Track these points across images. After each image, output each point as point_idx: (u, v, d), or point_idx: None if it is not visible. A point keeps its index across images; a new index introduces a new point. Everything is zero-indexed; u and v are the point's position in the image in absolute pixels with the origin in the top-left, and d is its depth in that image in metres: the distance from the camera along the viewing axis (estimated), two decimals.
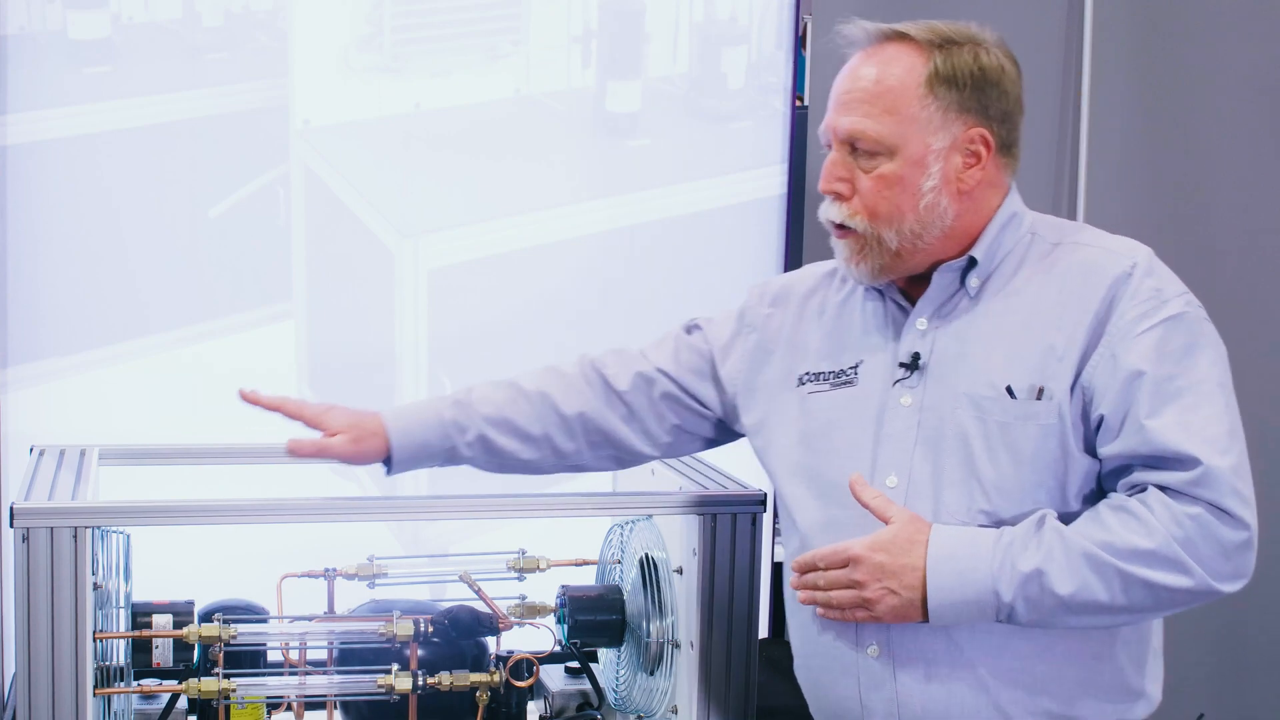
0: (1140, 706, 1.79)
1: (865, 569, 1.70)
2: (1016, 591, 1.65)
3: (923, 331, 1.80)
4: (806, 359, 1.89)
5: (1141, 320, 1.69)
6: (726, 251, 3.07)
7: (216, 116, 2.80)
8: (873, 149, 1.75)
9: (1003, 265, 1.79)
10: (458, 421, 1.96)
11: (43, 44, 2.71)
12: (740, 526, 2.01)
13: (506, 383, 2.01)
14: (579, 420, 1.99)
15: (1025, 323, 1.74)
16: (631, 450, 2.02)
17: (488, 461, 1.98)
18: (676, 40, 3.00)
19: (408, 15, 2.87)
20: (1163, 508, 1.63)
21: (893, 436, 1.78)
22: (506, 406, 1.98)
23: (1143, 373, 1.67)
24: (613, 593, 2.20)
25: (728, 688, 2.03)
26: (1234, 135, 3.30)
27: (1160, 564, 1.62)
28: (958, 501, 1.73)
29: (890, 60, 1.76)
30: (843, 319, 1.89)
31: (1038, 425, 1.70)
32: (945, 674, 1.74)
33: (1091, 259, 1.75)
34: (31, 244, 2.73)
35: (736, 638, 2.02)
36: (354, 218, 2.89)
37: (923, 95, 1.74)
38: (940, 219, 1.76)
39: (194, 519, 1.92)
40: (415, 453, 1.96)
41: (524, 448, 1.98)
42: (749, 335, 1.97)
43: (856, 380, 1.83)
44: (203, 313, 2.84)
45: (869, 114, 1.74)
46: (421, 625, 2.04)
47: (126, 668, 2.01)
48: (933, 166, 1.75)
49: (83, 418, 2.76)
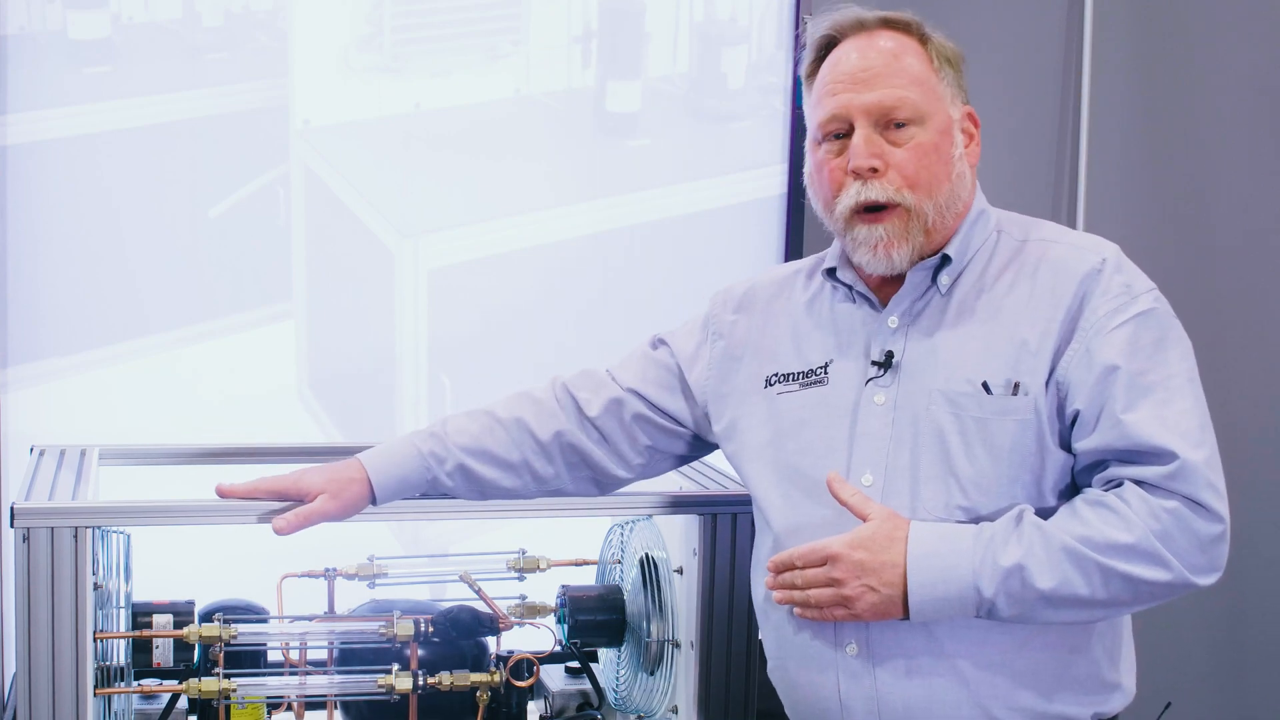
0: (1116, 698, 1.79)
1: (844, 567, 1.69)
2: (998, 587, 1.65)
3: (894, 330, 1.80)
4: (774, 360, 1.89)
5: (1114, 315, 1.70)
6: (726, 251, 3.07)
7: (216, 116, 2.80)
8: (908, 118, 1.74)
9: (973, 262, 1.79)
10: (435, 453, 1.94)
11: (43, 44, 2.71)
12: (740, 526, 2.01)
13: (481, 412, 1.99)
14: (555, 444, 1.97)
15: (997, 320, 1.75)
16: (607, 473, 1.99)
17: (469, 490, 1.96)
18: (676, 40, 3.00)
19: (408, 15, 2.87)
20: (1140, 502, 1.64)
21: (868, 435, 1.78)
22: (483, 436, 1.96)
23: (1117, 367, 1.68)
24: (613, 593, 2.20)
25: (728, 688, 2.03)
26: (1234, 135, 3.30)
27: (1139, 558, 1.63)
28: (935, 498, 1.73)
29: (893, 41, 1.77)
30: (810, 319, 1.88)
31: (1015, 420, 1.71)
32: (925, 669, 1.74)
33: (1061, 256, 1.76)
34: (31, 244, 2.73)
35: (736, 638, 2.02)
36: (354, 218, 2.89)
37: (936, 69, 1.78)
38: (964, 191, 1.78)
39: (194, 519, 1.91)
40: (397, 488, 1.93)
41: (504, 475, 1.96)
42: (715, 343, 1.96)
43: (827, 380, 1.83)
44: (203, 313, 2.84)
45: (900, 84, 1.75)
46: (421, 625, 2.04)
47: (127, 668, 2.01)
48: (956, 137, 1.78)
49: (83, 418, 2.76)
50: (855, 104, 1.75)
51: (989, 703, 1.74)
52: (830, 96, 1.77)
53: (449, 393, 2.94)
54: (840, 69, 1.78)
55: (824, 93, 1.78)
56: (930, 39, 1.79)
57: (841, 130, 1.77)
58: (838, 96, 1.77)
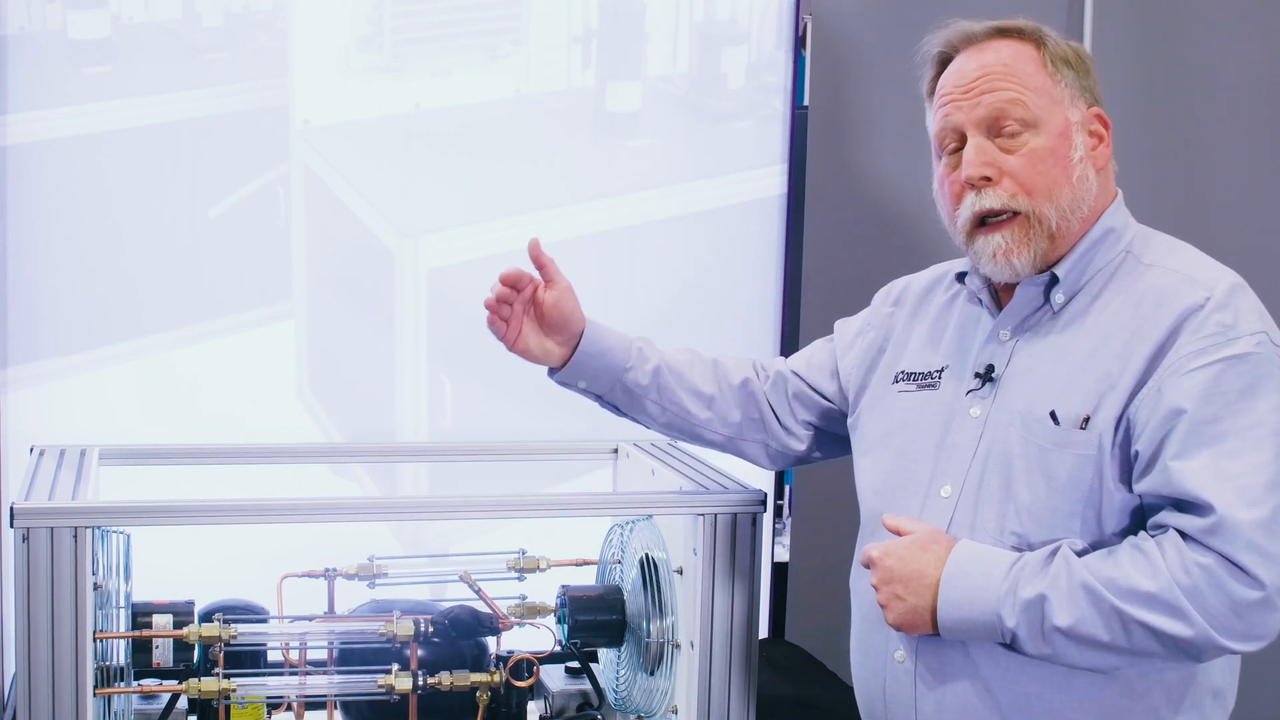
0: None
1: (878, 572, 1.72)
2: (1019, 617, 1.63)
3: (1003, 343, 1.79)
4: (905, 358, 1.91)
5: (1197, 356, 1.63)
6: (726, 251, 3.07)
7: (216, 116, 2.80)
8: (1021, 125, 1.72)
9: (1091, 283, 1.75)
10: (641, 350, 2.01)
11: (43, 44, 2.71)
12: (740, 526, 2.01)
13: (684, 348, 2.07)
14: (743, 392, 2.04)
15: (1093, 348, 1.71)
16: (779, 439, 2.06)
17: (657, 400, 2.01)
18: (676, 40, 3.00)
19: (408, 15, 2.87)
20: (1175, 552, 1.59)
21: (956, 446, 1.78)
22: (684, 361, 2.04)
23: (1183, 411, 1.61)
24: (613, 593, 2.20)
25: (728, 688, 2.03)
26: (1234, 135, 3.30)
27: (1159, 608, 1.58)
28: (993, 520, 1.72)
29: (1004, 49, 1.76)
30: (940, 322, 1.89)
31: (1075, 455, 1.68)
32: (960, 690, 1.73)
33: (1169, 286, 1.70)
34: (31, 244, 2.73)
35: (736, 638, 2.02)
36: (354, 218, 2.89)
37: (1051, 73, 1.75)
38: (1088, 194, 1.75)
39: (194, 519, 1.91)
40: (595, 356, 1.98)
41: (693, 401, 2.03)
42: (869, 334, 1.99)
43: (939, 384, 1.84)
44: (203, 312, 2.84)
45: (1009, 91, 1.73)
46: (421, 625, 2.04)
47: (126, 668, 2.01)
48: (1076, 138, 1.75)
49: (83, 418, 2.76)
50: (965, 115, 1.75)
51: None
52: (942, 109, 1.77)
53: (449, 393, 2.94)
54: (951, 82, 1.77)
55: (938, 105, 1.78)
56: (1045, 42, 1.76)
57: (956, 144, 1.76)
58: (948, 108, 1.76)
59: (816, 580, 3.29)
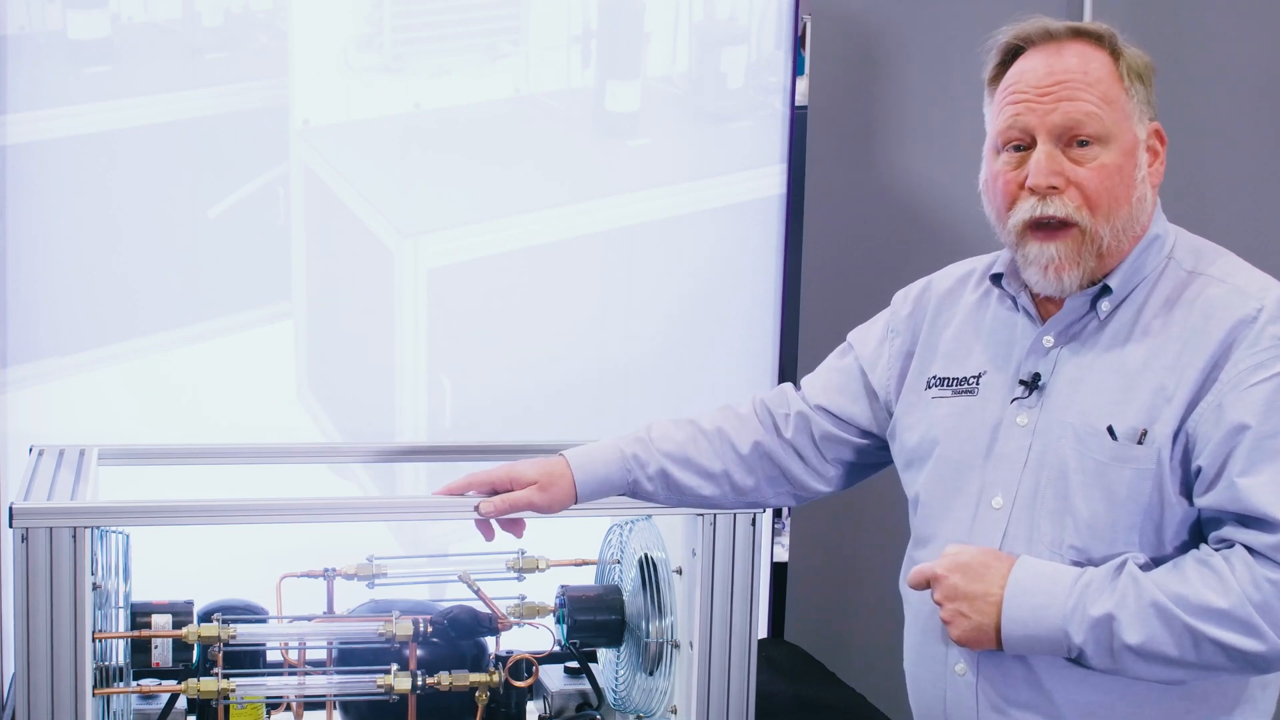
0: None
1: (942, 589, 1.69)
2: (1086, 635, 1.62)
3: (1047, 350, 1.75)
4: (936, 362, 1.86)
5: (1257, 370, 1.62)
6: (726, 251, 3.07)
7: (216, 116, 2.80)
8: (1092, 137, 1.68)
9: (1137, 291, 1.73)
10: (638, 457, 1.94)
11: (43, 44, 2.71)
12: (740, 526, 2.01)
13: (686, 420, 1.98)
14: (755, 455, 1.95)
15: (1144, 360, 1.68)
16: (804, 487, 1.97)
17: (669, 496, 1.96)
18: (676, 40, 3.00)
19: (408, 15, 2.87)
20: (1245, 568, 1.58)
21: (1005, 456, 1.75)
22: (686, 444, 1.95)
23: (1247, 426, 1.60)
24: (612, 593, 2.20)
25: (728, 688, 2.03)
26: (1234, 135, 3.30)
27: (1231, 624, 1.58)
28: (1051, 533, 1.70)
29: (1083, 54, 1.70)
30: (971, 325, 1.84)
31: (1134, 469, 1.66)
32: (1023, 702, 1.72)
33: (1218, 297, 1.68)
34: (31, 244, 2.73)
35: (736, 638, 2.02)
36: (354, 218, 2.88)
37: (1126, 86, 1.71)
38: (1143, 214, 1.72)
39: (194, 519, 1.92)
40: (599, 487, 1.93)
41: (704, 483, 1.94)
42: (893, 340, 1.93)
43: (977, 390, 1.80)
44: (202, 312, 2.84)
45: (1087, 101, 1.68)
46: (421, 625, 2.04)
47: (126, 668, 2.01)
48: (1141, 157, 1.71)
49: (82, 418, 2.76)
50: (1039, 119, 1.69)
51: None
52: (1012, 106, 1.71)
53: (449, 393, 2.94)
54: (1026, 80, 1.71)
55: (1006, 100, 1.72)
56: (1123, 53, 1.71)
57: (1022, 142, 1.71)
58: (1020, 107, 1.70)
59: (816, 580, 3.30)
